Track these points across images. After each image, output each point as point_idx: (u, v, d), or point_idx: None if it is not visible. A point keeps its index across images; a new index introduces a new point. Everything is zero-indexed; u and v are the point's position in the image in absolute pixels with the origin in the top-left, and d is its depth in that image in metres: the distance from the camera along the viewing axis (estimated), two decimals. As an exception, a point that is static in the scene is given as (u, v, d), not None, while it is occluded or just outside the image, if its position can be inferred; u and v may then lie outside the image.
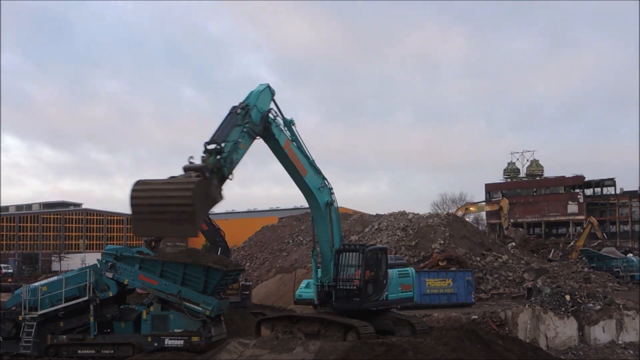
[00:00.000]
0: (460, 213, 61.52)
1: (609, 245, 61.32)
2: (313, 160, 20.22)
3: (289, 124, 19.74)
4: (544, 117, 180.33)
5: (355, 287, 19.70)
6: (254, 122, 18.32)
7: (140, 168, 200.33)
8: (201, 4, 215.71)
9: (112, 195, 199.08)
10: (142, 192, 15.95)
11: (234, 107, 18.09)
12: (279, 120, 19.42)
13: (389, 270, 20.77)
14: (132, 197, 15.85)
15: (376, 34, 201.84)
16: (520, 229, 70.17)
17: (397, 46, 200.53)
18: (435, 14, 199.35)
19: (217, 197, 16.53)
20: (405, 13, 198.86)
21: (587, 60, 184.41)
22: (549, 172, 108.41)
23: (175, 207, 15.42)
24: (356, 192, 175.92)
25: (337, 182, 22.02)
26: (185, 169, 16.43)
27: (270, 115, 19.11)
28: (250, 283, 38.90)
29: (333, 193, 20.79)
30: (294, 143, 19.69)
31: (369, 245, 21.44)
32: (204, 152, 16.86)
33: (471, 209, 67.94)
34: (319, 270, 20.64)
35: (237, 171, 17.24)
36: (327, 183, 20.58)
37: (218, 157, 16.74)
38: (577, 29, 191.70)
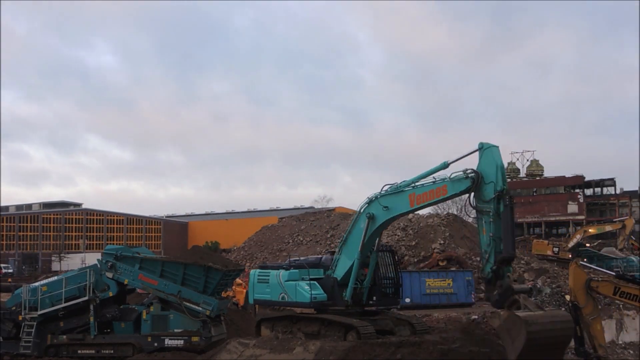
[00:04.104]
0: (578, 237, 57.52)
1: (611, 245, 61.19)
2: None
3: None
4: (626, 121, 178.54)
5: None
6: None
7: (197, 170, 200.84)
8: (338, 4, 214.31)
9: (153, 195, 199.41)
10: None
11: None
12: None
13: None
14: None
15: (500, 37, 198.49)
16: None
17: (516, 50, 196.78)
18: (562, 15, 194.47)
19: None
20: (533, 15, 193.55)
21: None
22: (549, 172, 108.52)
23: None
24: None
25: (379, 184, 21.79)
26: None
27: None
28: None
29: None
30: None
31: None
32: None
33: (590, 231, 60.78)
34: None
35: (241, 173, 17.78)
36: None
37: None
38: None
